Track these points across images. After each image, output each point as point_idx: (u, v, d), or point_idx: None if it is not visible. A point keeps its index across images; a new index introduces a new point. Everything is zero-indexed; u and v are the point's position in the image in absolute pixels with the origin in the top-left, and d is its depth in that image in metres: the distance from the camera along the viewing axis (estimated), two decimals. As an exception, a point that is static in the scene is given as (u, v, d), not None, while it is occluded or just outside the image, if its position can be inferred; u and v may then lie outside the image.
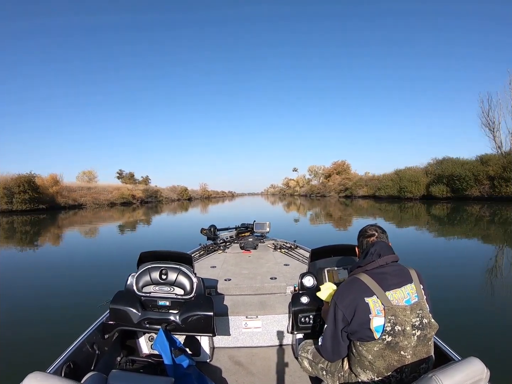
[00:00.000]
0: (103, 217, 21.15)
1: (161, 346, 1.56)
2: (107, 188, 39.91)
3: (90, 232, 13.03)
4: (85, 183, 41.51)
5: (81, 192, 34.38)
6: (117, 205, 36.70)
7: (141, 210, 29.50)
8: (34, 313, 3.73)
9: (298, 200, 51.76)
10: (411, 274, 1.22)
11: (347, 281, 1.26)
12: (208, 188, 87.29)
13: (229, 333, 2.10)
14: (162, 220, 19.43)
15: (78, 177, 46.56)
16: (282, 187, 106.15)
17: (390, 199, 34.19)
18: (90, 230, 13.71)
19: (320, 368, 1.41)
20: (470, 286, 4.47)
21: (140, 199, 42.98)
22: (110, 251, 8.21)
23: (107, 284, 4.14)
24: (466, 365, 0.94)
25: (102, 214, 23.65)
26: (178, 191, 60.19)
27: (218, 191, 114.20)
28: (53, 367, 1.35)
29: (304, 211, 24.67)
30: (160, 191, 52.91)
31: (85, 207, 31.95)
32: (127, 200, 39.41)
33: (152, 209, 31.41)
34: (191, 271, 1.78)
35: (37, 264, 6.84)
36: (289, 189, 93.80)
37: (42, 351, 2.65)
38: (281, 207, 33.54)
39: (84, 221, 18.46)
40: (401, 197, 33.37)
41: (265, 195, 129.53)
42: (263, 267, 2.83)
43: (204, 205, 41.69)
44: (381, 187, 37.97)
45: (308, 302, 1.80)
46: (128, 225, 15.64)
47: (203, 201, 60.13)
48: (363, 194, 44.11)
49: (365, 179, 48.49)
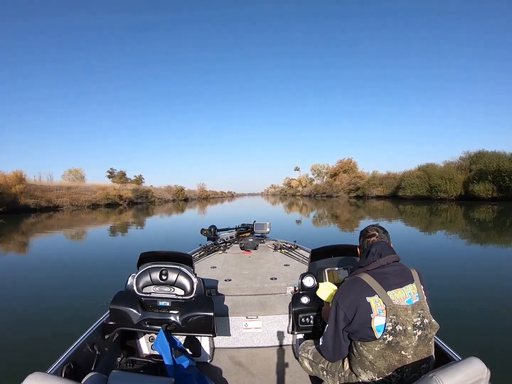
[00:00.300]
0: (75, 221, 18.00)
1: (161, 346, 1.56)
2: (91, 187, 36.04)
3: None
4: (68, 182, 38.16)
5: (59, 192, 30.41)
6: (101, 206, 33.37)
7: (129, 212, 26.54)
8: (34, 313, 3.72)
9: (301, 200, 49.47)
10: (412, 274, 1.22)
11: (348, 280, 1.26)
12: (206, 188, 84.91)
13: (230, 333, 2.10)
14: (154, 222, 17.95)
15: (64, 176, 42.93)
16: (283, 187, 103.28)
17: (416, 200, 29.77)
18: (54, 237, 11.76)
19: (320, 368, 1.41)
20: (469, 286, 4.47)
21: (129, 199, 39.09)
22: (110, 251, 8.21)
23: (107, 284, 4.14)
24: (466, 365, 0.94)
25: (80, 218, 20.55)
26: (174, 191, 57.33)
27: (217, 191, 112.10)
28: (53, 368, 1.35)
29: (307, 213, 23.15)
30: (152, 191, 49.02)
31: (61, 209, 28.29)
32: (113, 201, 35.67)
33: (142, 211, 28.83)
34: (191, 272, 1.78)
35: (37, 265, 6.83)
36: (290, 189, 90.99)
37: (42, 352, 2.65)
38: (282, 208, 31.87)
39: (43, 228, 15.36)
40: (432, 197, 28.74)
41: (265, 195, 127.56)
42: (263, 267, 2.83)
43: (201, 206, 39.59)
44: (405, 186, 33.23)
45: (308, 302, 1.80)
46: (121, 227, 14.64)
47: (201, 202, 57.71)
48: (378, 194, 40.11)
49: (378, 177, 44.27)
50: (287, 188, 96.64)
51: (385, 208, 23.31)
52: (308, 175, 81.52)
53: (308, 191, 69.95)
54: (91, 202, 32.85)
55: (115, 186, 40.22)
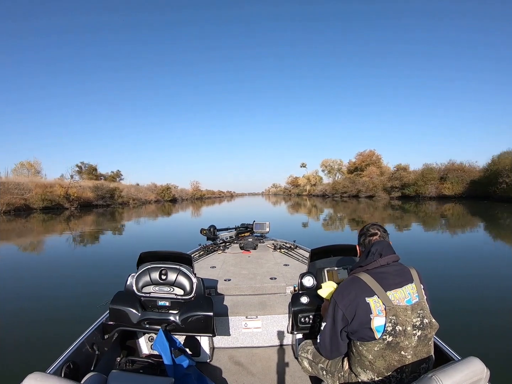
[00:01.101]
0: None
1: (161, 346, 1.56)
2: (24, 185, 25.59)
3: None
4: (16, 177, 29.64)
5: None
6: (36, 211, 24.02)
7: (61, 224, 16.67)
8: (34, 313, 3.72)
9: (308, 201, 40.02)
10: (412, 273, 1.22)
11: (347, 280, 1.26)
12: (201, 187, 76.25)
13: (229, 333, 2.10)
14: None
15: (15, 170, 34.17)
16: (286, 187, 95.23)
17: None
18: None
19: (320, 368, 1.41)
20: (469, 286, 4.48)
21: (84, 201, 29.58)
22: (110, 251, 8.20)
23: (106, 284, 4.14)
24: (466, 365, 0.94)
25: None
26: (158, 190, 47.53)
27: (214, 190, 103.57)
28: (53, 368, 1.35)
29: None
30: (119, 188, 36.69)
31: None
32: (56, 203, 26.24)
33: (80, 220, 18.25)
34: (191, 272, 1.78)
35: (37, 265, 6.83)
36: (295, 188, 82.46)
37: (42, 352, 2.65)
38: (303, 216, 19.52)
39: None
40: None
41: (266, 195, 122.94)
42: (263, 267, 2.83)
43: (191, 208, 31.59)
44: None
45: (308, 302, 1.80)
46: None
47: (194, 202, 48.65)
48: (445, 194, 29.94)
49: (438, 169, 32.85)
50: (291, 187, 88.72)
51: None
52: (317, 172, 71.96)
53: (321, 190, 58.39)
54: (15, 206, 22.62)
55: (62, 183, 30.11)
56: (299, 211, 23.40)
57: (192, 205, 39.67)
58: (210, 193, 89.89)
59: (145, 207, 32.36)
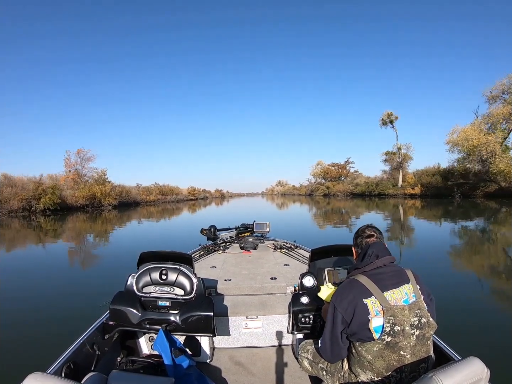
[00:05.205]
0: None
1: (161, 346, 1.57)
2: None
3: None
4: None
5: None
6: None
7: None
8: (34, 313, 3.72)
9: None
10: (408, 274, 1.23)
11: (345, 282, 1.27)
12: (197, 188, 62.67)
13: (229, 333, 2.10)
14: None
15: None
16: (310, 180, 61.81)
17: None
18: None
19: (320, 368, 1.41)
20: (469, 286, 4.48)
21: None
22: (110, 251, 8.22)
23: (107, 284, 4.14)
24: (466, 365, 0.94)
25: None
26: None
27: (208, 190, 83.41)
28: (53, 368, 1.35)
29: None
30: (56, 187, 23.76)
31: None
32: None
33: None
34: (191, 272, 1.78)
35: (37, 265, 6.83)
36: (318, 186, 54.98)
37: (42, 352, 2.65)
38: None
39: None
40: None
41: (268, 195, 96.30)
42: (263, 267, 2.83)
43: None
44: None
45: (308, 302, 1.80)
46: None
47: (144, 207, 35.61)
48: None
49: None
50: (311, 185, 59.59)
51: None
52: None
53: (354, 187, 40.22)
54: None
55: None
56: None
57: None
58: (197, 192, 68.52)
59: (112, 214, 24.52)
